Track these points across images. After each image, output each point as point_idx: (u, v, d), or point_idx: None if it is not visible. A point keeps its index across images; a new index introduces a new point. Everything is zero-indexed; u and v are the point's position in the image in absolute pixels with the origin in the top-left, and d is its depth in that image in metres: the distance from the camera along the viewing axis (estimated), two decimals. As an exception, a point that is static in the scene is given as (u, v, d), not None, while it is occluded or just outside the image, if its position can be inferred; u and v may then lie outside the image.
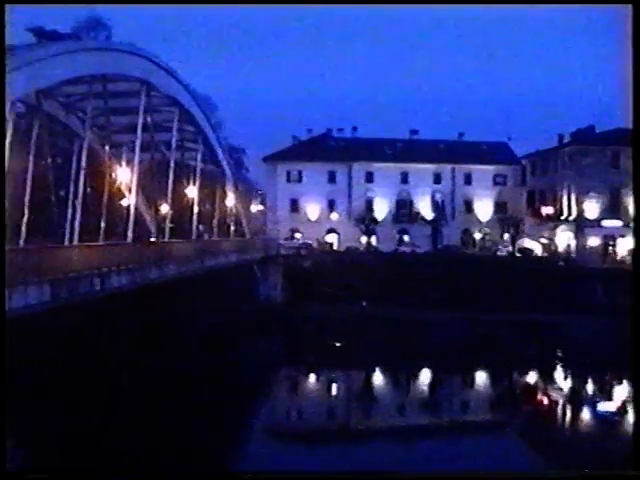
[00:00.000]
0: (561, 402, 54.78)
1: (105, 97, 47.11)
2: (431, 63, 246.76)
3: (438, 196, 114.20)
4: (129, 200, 51.35)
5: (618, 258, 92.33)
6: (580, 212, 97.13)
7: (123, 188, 55.52)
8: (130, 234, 46.78)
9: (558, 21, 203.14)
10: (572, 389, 57.99)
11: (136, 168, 49.55)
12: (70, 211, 45.36)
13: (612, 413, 49.74)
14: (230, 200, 77.92)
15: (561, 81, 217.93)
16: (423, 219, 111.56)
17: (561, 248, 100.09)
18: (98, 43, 59.74)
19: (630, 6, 20.54)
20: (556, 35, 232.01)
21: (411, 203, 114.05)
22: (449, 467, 34.05)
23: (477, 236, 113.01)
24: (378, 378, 63.39)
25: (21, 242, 41.67)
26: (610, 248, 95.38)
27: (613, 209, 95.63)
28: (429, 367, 64.39)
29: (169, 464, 33.82)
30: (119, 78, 48.24)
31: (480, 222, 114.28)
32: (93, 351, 53.25)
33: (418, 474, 21.02)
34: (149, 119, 53.11)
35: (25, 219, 43.12)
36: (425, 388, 60.75)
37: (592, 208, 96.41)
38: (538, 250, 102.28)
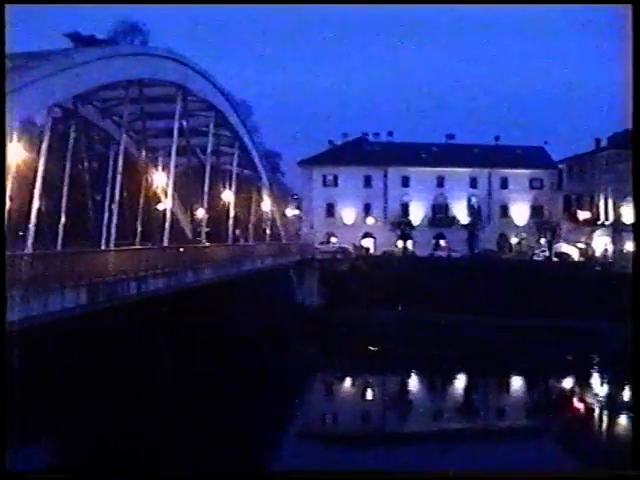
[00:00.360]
0: (596, 408, 54.10)
1: (141, 102, 47.25)
2: (467, 66, 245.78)
3: (474, 200, 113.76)
4: (165, 204, 51.47)
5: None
6: (617, 216, 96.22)
7: (159, 192, 55.71)
8: (166, 238, 46.89)
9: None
10: (608, 395, 57.29)
11: (172, 172, 49.64)
12: (106, 215, 45.55)
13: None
14: (266, 204, 77.93)
15: (600, 84, 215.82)
16: (459, 223, 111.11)
17: (598, 253, 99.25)
18: (134, 48, 59.87)
19: (630, 6, 20.29)
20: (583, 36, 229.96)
21: (447, 207, 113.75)
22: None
23: (513, 240, 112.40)
24: (413, 382, 63.08)
25: (58, 246, 41.82)
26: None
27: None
28: (464, 371, 64.05)
29: (205, 465, 33.81)
30: (155, 83, 48.40)
31: (516, 226, 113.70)
32: (129, 354, 53.54)
33: (418, 474, 20.80)
34: (185, 123, 53.29)
35: (62, 223, 43.28)
36: (460, 392, 60.44)
37: (629, 212, 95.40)
38: (575, 255, 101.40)
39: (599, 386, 60.81)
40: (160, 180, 53.39)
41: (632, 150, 26.17)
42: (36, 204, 35.03)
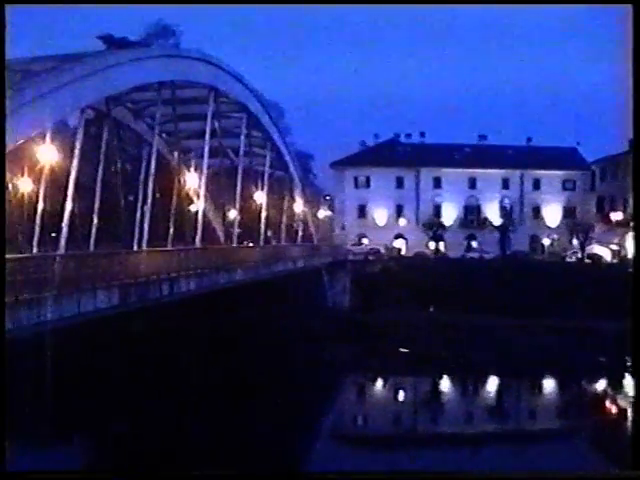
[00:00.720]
0: (626, 410, 53.59)
1: (173, 103, 47.46)
2: (498, 66, 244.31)
3: (506, 202, 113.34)
4: (197, 206, 51.62)
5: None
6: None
7: (191, 194, 55.91)
8: (198, 239, 47.04)
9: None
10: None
11: (204, 174, 49.77)
12: (139, 216, 45.78)
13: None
14: (298, 206, 77.91)
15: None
16: (491, 225, 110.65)
17: (631, 255, 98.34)
18: (166, 50, 60.10)
19: (630, 6, 20.14)
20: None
21: (479, 209, 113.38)
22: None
23: (546, 242, 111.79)
24: (445, 384, 62.92)
25: (90, 247, 42.08)
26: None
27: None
28: (495, 373, 63.82)
29: (238, 464, 33.86)
30: (187, 84, 48.64)
31: (549, 228, 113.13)
32: (162, 354, 53.79)
33: (419, 473, 20.72)
34: (217, 125, 53.44)
35: (94, 224, 43.52)
36: (492, 394, 60.21)
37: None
38: (608, 256, 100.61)
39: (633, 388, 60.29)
40: (192, 181, 53.56)
41: (632, 151, 25.97)
42: (69, 205, 35.20)
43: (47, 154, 34.55)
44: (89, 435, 43.03)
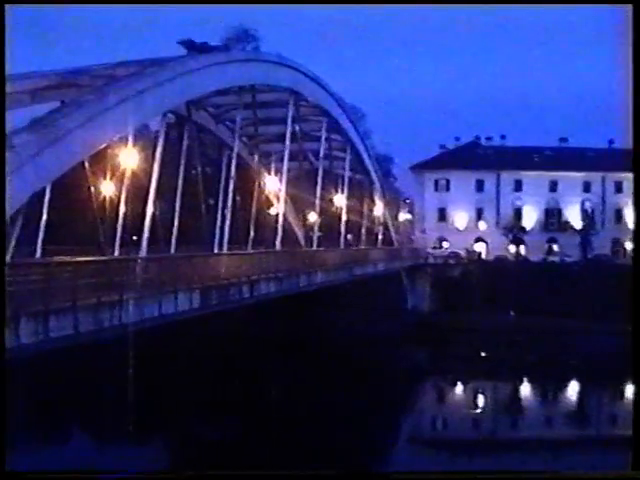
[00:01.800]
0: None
1: (254, 107, 47.71)
2: (581, 66, 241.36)
3: (588, 205, 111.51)
4: (277, 209, 51.77)
5: None
6: None
7: (271, 197, 56.08)
8: (278, 242, 47.17)
9: None
10: None
11: (284, 177, 49.87)
12: (219, 219, 46.06)
13: None
14: (378, 209, 77.79)
15: None
16: (572, 228, 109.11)
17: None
18: (246, 54, 60.37)
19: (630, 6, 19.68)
20: None
21: (560, 212, 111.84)
22: None
23: (628, 246, 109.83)
24: (525, 388, 62.25)
25: (172, 250, 42.42)
26: None
27: None
28: (576, 378, 62.93)
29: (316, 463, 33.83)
30: (267, 88, 48.80)
31: (631, 231, 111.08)
32: (243, 355, 54.13)
33: (418, 473, 20.33)
34: (297, 128, 53.56)
35: (175, 227, 43.86)
36: (573, 400, 59.39)
37: None
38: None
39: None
40: (272, 185, 53.75)
41: (632, 152, 25.32)
42: (150, 209, 35.55)
43: (129, 158, 34.94)
44: (172, 435, 43.43)
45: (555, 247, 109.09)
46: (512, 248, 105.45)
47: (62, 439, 42.30)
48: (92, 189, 36.07)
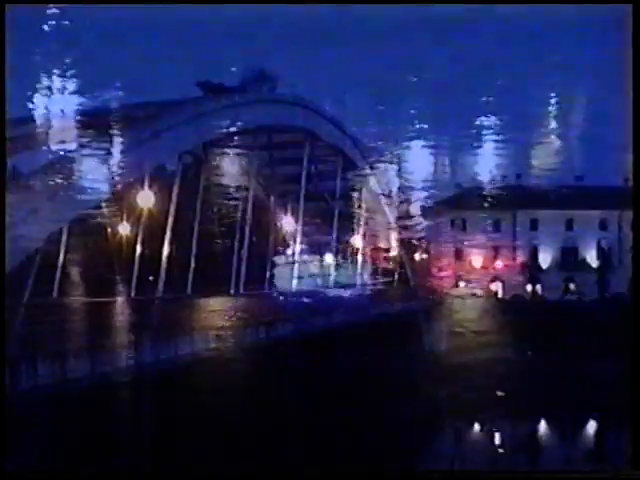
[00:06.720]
0: None
1: (270, 148, 47.87)
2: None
3: (604, 243, 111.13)
4: (293, 249, 51.77)
5: None
6: None
7: (287, 237, 56.14)
8: (295, 283, 47.14)
9: None
10: None
11: (300, 218, 49.90)
12: (236, 260, 46.06)
13: None
14: (394, 249, 77.69)
15: None
16: (589, 266, 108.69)
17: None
18: (262, 95, 60.68)
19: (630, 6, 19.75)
20: None
21: (576, 250, 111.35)
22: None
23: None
24: (542, 428, 61.93)
25: (188, 290, 42.40)
26: None
27: None
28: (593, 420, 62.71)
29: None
30: (283, 129, 48.92)
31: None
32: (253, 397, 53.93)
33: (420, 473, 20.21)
34: (313, 168, 53.65)
35: (192, 268, 43.86)
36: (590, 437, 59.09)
37: None
38: None
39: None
40: (289, 225, 53.78)
41: (632, 153, 25.23)
42: (166, 249, 35.61)
43: (146, 198, 35.07)
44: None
45: (572, 286, 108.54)
46: (529, 287, 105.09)
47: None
48: (108, 230, 36.23)
